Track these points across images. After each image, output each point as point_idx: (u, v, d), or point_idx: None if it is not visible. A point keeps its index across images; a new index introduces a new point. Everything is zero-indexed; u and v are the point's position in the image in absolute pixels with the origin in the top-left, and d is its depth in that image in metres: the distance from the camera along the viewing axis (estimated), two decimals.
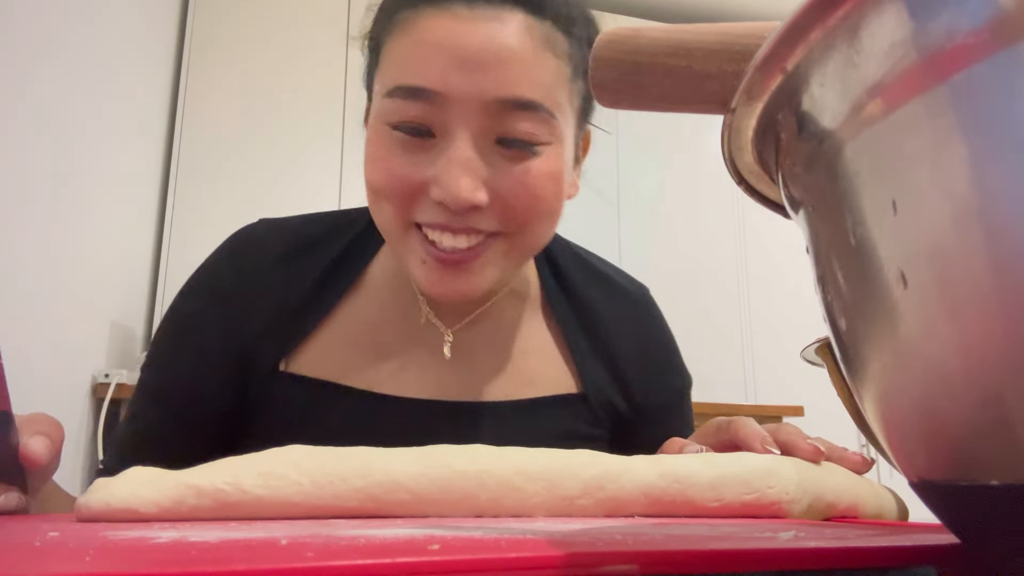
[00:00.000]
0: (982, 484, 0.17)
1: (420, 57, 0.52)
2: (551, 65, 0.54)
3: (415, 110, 0.52)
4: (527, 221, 0.55)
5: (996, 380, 0.16)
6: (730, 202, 3.00)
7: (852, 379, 0.22)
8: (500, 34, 0.52)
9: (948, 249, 0.16)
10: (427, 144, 0.53)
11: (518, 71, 0.52)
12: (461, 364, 0.63)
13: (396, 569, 0.19)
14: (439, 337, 0.63)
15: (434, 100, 0.52)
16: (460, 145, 0.52)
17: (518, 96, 0.52)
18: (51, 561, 0.20)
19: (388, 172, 0.54)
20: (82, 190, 1.72)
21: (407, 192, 0.54)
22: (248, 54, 2.49)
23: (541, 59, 0.53)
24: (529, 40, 0.53)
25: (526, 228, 0.56)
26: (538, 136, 0.54)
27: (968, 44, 0.15)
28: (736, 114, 0.23)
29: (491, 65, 0.51)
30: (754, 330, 2.95)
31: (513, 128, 0.53)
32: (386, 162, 0.54)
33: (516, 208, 0.54)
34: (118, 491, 0.33)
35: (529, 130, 0.53)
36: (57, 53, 1.57)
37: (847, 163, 0.19)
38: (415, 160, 0.53)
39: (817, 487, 0.39)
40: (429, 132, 0.53)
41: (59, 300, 1.62)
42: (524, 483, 0.36)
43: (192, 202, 2.33)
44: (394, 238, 0.57)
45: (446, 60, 0.51)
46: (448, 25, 0.52)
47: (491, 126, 0.53)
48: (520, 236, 0.56)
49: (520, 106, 0.52)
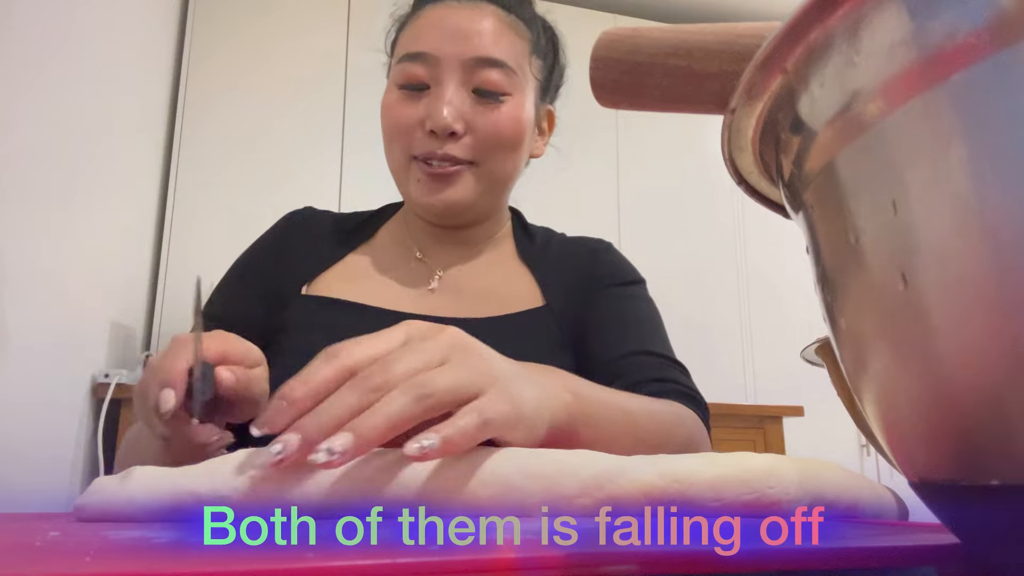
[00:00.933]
0: (982, 484, 0.17)
1: (420, 34, 0.73)
2: (514, 40, 0.75)
3: (415, 69, 0.72)
4: (492, 150, 0.74)
5: (996, 380, 0.16)
6: (730, 202, 3.00)
7: (852, 379, 0.22)
8: (477, 16, 0.74)
9: (948, 249, 0.16)
10: (423, 95, 0.73)
11: (488, 40, 0.73)
12: (449, 295, 0.79)
13: (396, 569, 0.19)
14: (431, 275, 0.80)
15: (428, 60, 0.72)
16: (445, 89, 0.71)
17: (488, 55, 0.72)
18: (51, 561, 0.20)
19: (395, 117, 0.73)
20: (82, 190, 1.72)
21: (407, 128, 0.73)
22: (248, 54, 2.49)
23: (506, 36, 0.74)
24: (497, 23, 0.74)
25: (492, 158, 0.74)
26: (503, 86, 0.73)
27: (968, 44, 0.15)
28: (736, 114, 0.23)
29: (470, 35, 0.72)
30: (754, 330, 2.95)
31: (485, 80, 0.72)
32: (394, 111, 0.74)
33: (485, 139, 0.73)
34: (117, 492, 0.33)
35: (496, 80, 0.72)
36: (57, 53, 1.57)
37: (847, 163, 0.19)
38: (414, 106, 0.73)
39: (817, 487, 0.39)
40: (425, 86, 0.73)
41: (59, 300, 1.62)
42: (524, 482, 0.36)
43: (192, 202, 2.33)
44: (400, 171, 0.76)
45: (438, 32, 0.72)
46: (442, 12, 0.74)
47: (468, 79, 0.72)
48: (488, 165, 0.74)
49: (489, 63, 0.72)
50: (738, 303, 2.97)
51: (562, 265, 0.83)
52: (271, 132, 2.44)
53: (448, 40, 0.72)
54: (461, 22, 0.72)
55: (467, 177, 0.74)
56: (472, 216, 0.79)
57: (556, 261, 0.84)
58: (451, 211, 0.76)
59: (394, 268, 0.80)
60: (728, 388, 2.81)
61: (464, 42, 0.72)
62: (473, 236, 0.82)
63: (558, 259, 0.84)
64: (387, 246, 0.83)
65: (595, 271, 0.83)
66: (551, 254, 0.84)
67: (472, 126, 0.72)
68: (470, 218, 0.79)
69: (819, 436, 2.52)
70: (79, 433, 1.78)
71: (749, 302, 2.98)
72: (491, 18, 0.74)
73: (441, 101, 0.70)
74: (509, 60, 0.73)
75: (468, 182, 0.74)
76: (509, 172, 0.77)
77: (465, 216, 0.78)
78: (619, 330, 0.76)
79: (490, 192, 0.77)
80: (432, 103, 0.71)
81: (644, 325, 0.78)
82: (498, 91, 0.73)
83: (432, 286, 0.79)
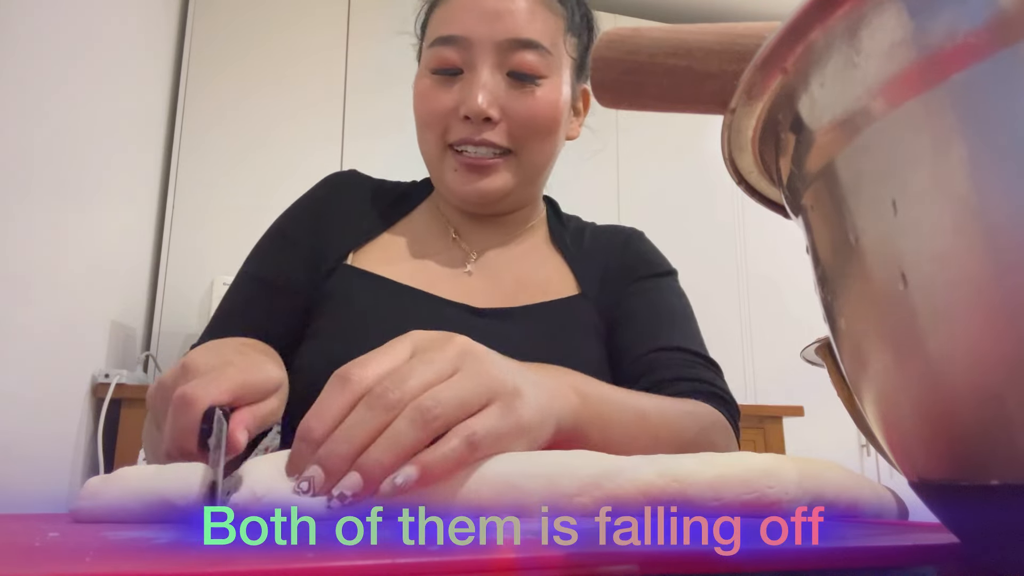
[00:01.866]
0: (982, 484, 0.17)
1: (452, 16, 0.71)
2: (548, 18, 0.73)
3: (447, 53, 0.71)
4: (529, 137, 0.72)
5: (996, 380, 0.16)
6: (730, 202, 3.00)
7: (852, 379, 0.22)
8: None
9: (948, 249, 0.16)
10: (456, 80, 0.71)
11: (522, 20, 0.70)
12: (485, 279, 0.78)
13: (396, 569, 0.19)
14: (467, 258, 0.79)
15: (461, 44, 0.70)
16: (480, 74, 0.70)
17: (523, 36, 0.70)
18: (51, 561, 0.20)
19: (429, 104, 0.72)
20: (82, 190, 1.72)
21: (442, 116, 0.71)
22: (248, 54, 2.49)
23: (540, 14, 0.72)
24: (532, 2, 0.72)
25: (529, 144, 0.72)
26: (539, 69, 0.71)
27: (968, 44, 0.15)
28: (736, 114, 0.23)
29: (503, 16, 0.70)
30: (754, 330, 2.95)
31: (520, 62, 0.70)
32: (427, 97, 0.72)
33: (521, 125, 0.71)
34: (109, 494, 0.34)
35: (532, 63, 0.70)
36: (57, 53, 1.57)
37: (847, 163, 0.19)
38: (448, 92, 0.71)
39: (817, 487, 0.39)
40: (459, 70, 0.71)
41: (59, 300, 1.62)
42: (523, 481, 0.36)
43: (192, 202, 2.33)
44: (434, 159, 0.74)
45: (470, 15, 0.70)
46: None
47: (503, 61, 0.70)
48: (525, 152, 0.73)
49: (523, 44, 0.70)
50: (738, 303, 2.97)
51: (596, 254, 0.82)
52: (271, 132, 2.44)
53: (481, 21, 0.70)
54: (494, 2, 0.70)
55: (504, 168, 0.72)
56: (508, 204, 0.78)
57: (590, 250, 0.83)
58: (487, 201, 0.74)
59: (431, 248, 0.79)
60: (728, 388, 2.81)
61: (497, 22, 0.70)
62: (509, 221, 0.81)
63: (591, 248, 0.83)
64: (424, 225, 0.82)
65: (627, 261, 0.82)
66: (584, 243, 0.83)
67: (507, 112, 0.70)
68: (506, 206, 0.78)
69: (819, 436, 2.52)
70: (79, 433, 1.78)
71: (749, 302, 2.98)
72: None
73: (475, 86, 0.69)
74: (544, 40, 0.71)
75: (505, 172, 0.73)
76: (547, 158, 0.76)
77: (501, 205, 0.77)
78: (649, 324, 0.75)
79: (527, 180, 0.76)
80: (466, 88, 0.70)
81: (676, 319, 0.77)
82: (534, 74, 0.71)
83: (468, 269, 0.78)
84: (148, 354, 2.11)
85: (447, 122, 0.71)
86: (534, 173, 0.76)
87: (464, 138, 0.70)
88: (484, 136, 0.70)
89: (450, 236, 0.80)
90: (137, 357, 2.12)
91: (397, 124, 1.78)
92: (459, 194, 0.73)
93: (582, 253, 0.82)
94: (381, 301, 0.73)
